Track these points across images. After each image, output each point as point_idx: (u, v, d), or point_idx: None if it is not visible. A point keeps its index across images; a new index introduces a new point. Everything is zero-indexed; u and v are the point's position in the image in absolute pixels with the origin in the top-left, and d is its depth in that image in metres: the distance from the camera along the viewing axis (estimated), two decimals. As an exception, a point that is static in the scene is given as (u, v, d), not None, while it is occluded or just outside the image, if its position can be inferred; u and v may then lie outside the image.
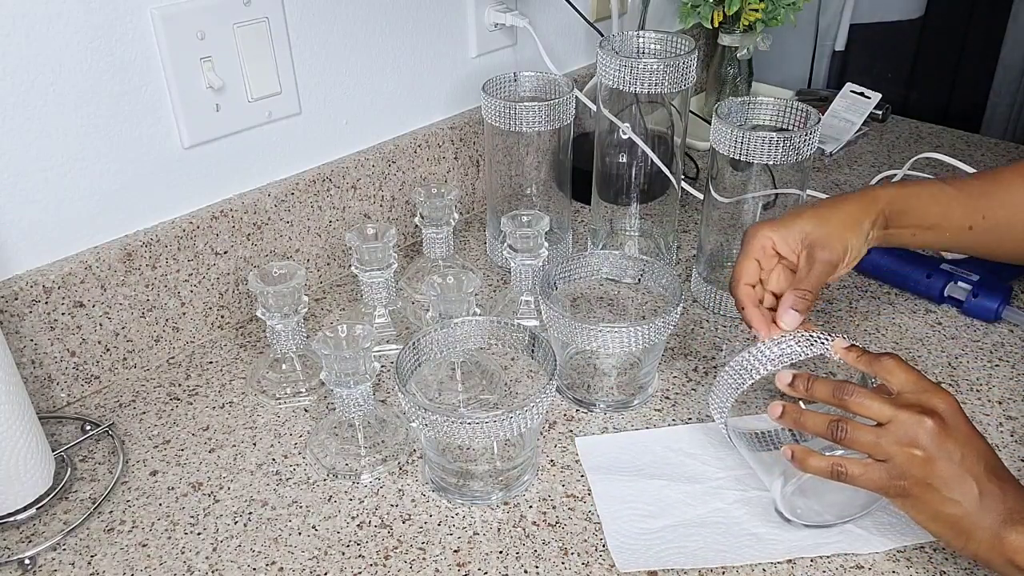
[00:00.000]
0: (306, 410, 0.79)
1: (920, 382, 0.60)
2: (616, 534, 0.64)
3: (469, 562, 0.63)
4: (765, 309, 0.70)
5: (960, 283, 0.88)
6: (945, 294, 0.89)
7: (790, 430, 0.65)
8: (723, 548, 0.63)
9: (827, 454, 0.60)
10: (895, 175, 1.13)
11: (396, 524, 0.67)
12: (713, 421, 0.71)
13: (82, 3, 0.71)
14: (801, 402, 0.64)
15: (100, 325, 0.79)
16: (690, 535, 0.64)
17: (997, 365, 0.82)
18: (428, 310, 0.78)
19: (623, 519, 0.66)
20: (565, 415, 0.78)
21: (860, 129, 1.25)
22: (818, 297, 0.69)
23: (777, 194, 0.88)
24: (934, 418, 0.57)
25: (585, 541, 0.65)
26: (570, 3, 1.09)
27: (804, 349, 0.65)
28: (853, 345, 0.64)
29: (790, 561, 0.63)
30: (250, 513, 0.68)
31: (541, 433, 0.75)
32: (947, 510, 0.57)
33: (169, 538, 0.66)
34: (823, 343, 0.65)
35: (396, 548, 0.65)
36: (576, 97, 0.95)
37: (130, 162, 0.79)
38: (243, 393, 0.81)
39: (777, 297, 0.71)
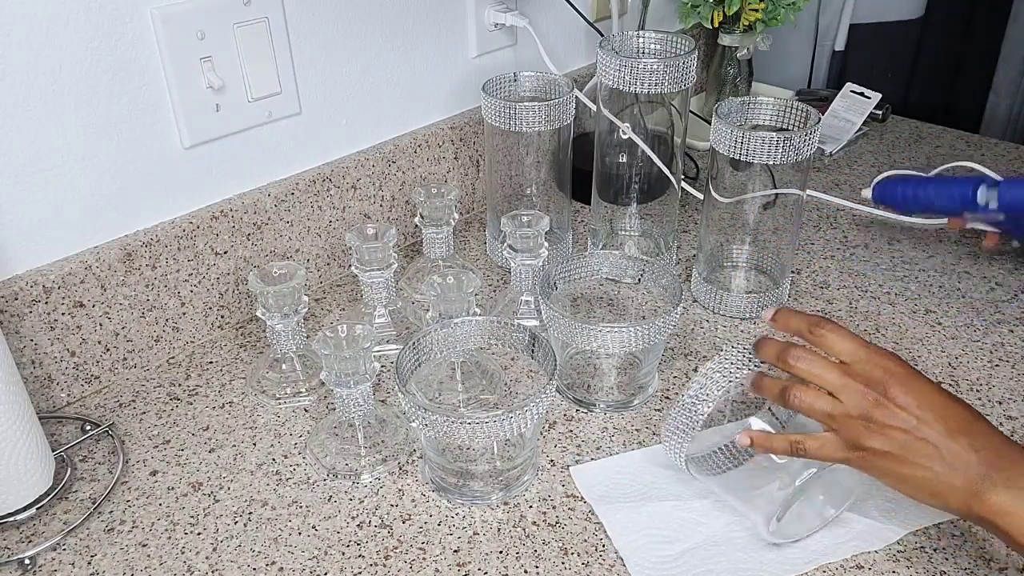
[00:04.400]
0: (306, 410, 0.79)
1: (862, 349, 0.59)
2: (639, 566, 0.63)
3: (469, 562, 0.63)
4: None
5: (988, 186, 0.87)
6: (977, 200, 0.87)
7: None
8: (748, 565, 0.63)
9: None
10: (896, 174, 1.13)
11: (396, 524, 0.67)
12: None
13: (82, 3, 0.71)
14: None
15: (100, 325, 0.79)
16: (711, 556, 0.63)
17: (997, 365, 0.82)
18: (428, 310, 0.78)
19: (641, 549, 0.64)
20: (565, 415, 0.78)
21: (860, 129, 1.25)
22: None
23: (777, 194, 0.88)
24: (880, 389, 0.57)
25: (585, 541, 0.65)
26: (570, 3, 1.09)
27: (736, 370, 0.63)
28: (782, 310, 0.64)
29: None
30: (250, 513, 0.68)
31: (541, 433, 0.75)
32: (914, 473, 0.56)
33: (169, 538, 0.66)
34: (750, 360, 0.64)
35: (396, 548, 0.65)
36: (576, 97, 0.95)
37: (130, 162, 0.79)
38: (243, 393, 0.81)
39: None
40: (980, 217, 0.87)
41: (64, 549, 0.66)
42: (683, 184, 1.05)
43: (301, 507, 0.69)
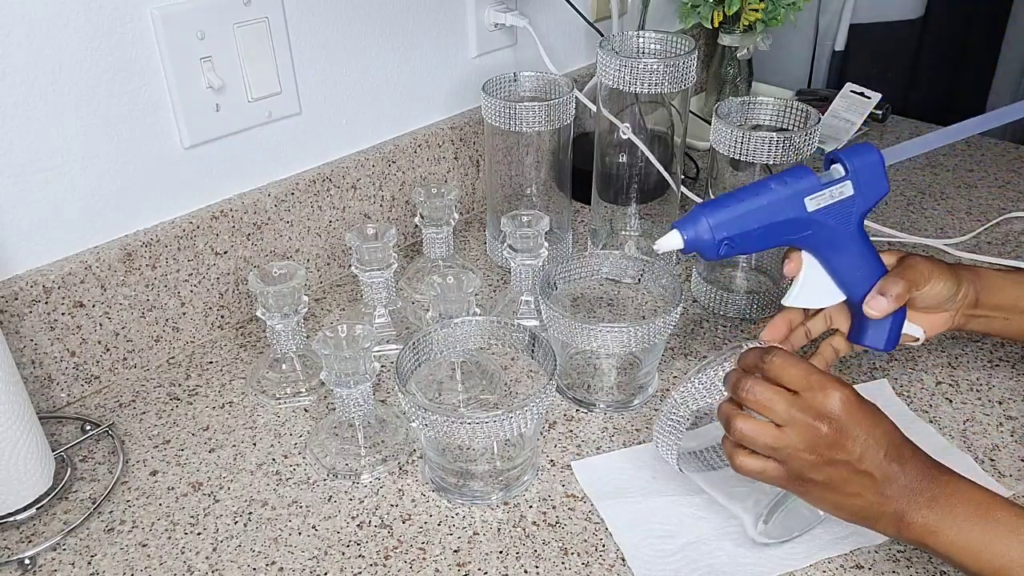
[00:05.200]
0: (306, 410, 0.79)
1: (809, 378, 0.58)
2: (639, 559, 0.63)
3: (469, 562, 0.63)
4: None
5: None
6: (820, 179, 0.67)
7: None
8: (748, 560, 0.63)
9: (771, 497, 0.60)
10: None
11: (396, 524, 0.67)
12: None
13: (82, 3, 0.71)
14: None
15: (100, 325, 0.79)
16: (711, 550, 0.64)
17: (997, 365, 0.82)
18: (428, 310, 0.78)
19: (642, 543, 0.64)
20: (565, 415, 0.78)
21: (860, 129, 1.25)
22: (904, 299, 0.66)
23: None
24: (828, 423, 0.56)
25: (585, 541, 0.65)
26: (570, 3, 1.09)
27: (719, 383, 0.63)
28: (744, 353, 0.62)
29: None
30: (250, 513, 0.68)
31: (541, 433, 0.75)
32: (848, 502, 0.57)
33: (169, 538, 0.66)
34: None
35: (396, 548, 0.65)
36: (576, 97, 0.95)
37: (130, 162, 0.79)
38: (243, 393, 0.81)
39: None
40: (824, 197, 0.65)
41: (64, 549, 0.66)
42: (682, 189, 1.05)
43: (301, 507, 0.69)
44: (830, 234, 0.65)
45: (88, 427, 0.76)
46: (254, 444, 0.75)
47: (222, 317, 0.89)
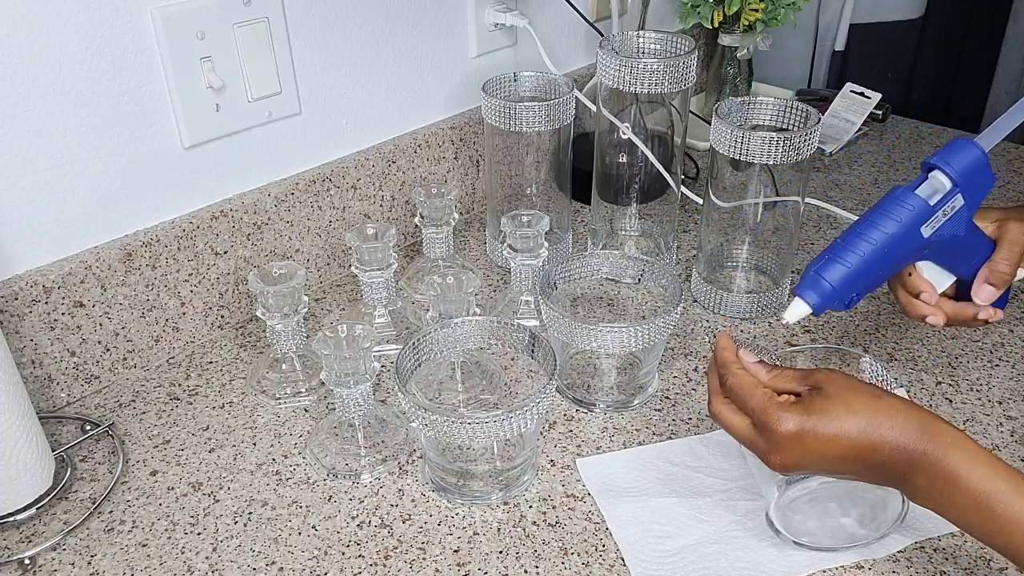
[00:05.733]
0: (306, 410, 0.79)
1: (755, 414, 0.58)
2: (637, 560, 0.63)
3: (469, 562, 0.63)
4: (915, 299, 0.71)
5: None
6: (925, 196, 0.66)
7: None
8: (746, 564, 0.62)
9: (800, 482, 0.60)
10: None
11: (396, 524, 0.67)
12: (712, 430, 0.71)
13: (82, 3, 0.71)
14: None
15: (100, 325, 0.79)
16: (709, 554, 0.63)
17: (997, 365, 0.82)
18: (428, 310, 0.78)
19: (640, 543, 0.64)
20: (565, 415, 0.78)
21: (860, 129, 1.25)
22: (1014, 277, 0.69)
23: (777, 200, 0.88)
24: (777, 462, 0.57)
25: (585, 541, 0.65)
26: (570, 3, 1.09)
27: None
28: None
29: (790, 561, 0.63)
30: (250, 513, 0.68)
31: (541, 433, 0.75)
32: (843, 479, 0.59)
33: (169, 538, 0.66)
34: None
35: (396, 548, 0.65)
36: (576, 97, 0.95)
37: (130, 162, 0.79)
38: (243, 393, 0.81)
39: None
40: (937, 219, 0.64)
41: (64, 549, 0.66)
42: (683, 189, 1.05)
43: (301, 507, 0.69)
44: (943, 244, 0.65)
45: (88, 427, 0.76)
46: (254, 444, 0.75)
47: (222, 317, 0.89)
